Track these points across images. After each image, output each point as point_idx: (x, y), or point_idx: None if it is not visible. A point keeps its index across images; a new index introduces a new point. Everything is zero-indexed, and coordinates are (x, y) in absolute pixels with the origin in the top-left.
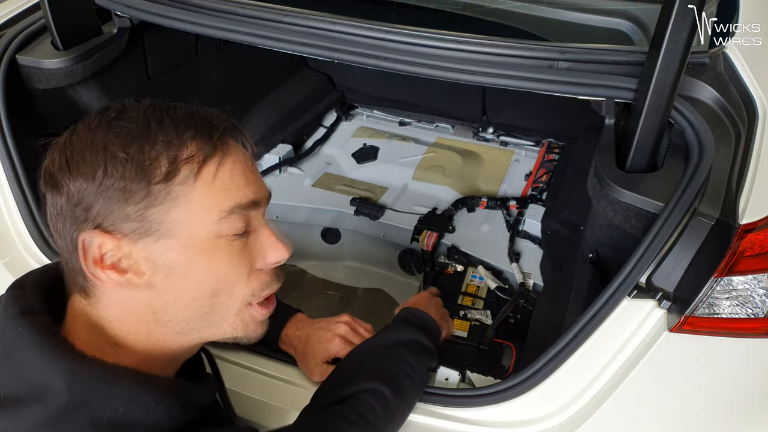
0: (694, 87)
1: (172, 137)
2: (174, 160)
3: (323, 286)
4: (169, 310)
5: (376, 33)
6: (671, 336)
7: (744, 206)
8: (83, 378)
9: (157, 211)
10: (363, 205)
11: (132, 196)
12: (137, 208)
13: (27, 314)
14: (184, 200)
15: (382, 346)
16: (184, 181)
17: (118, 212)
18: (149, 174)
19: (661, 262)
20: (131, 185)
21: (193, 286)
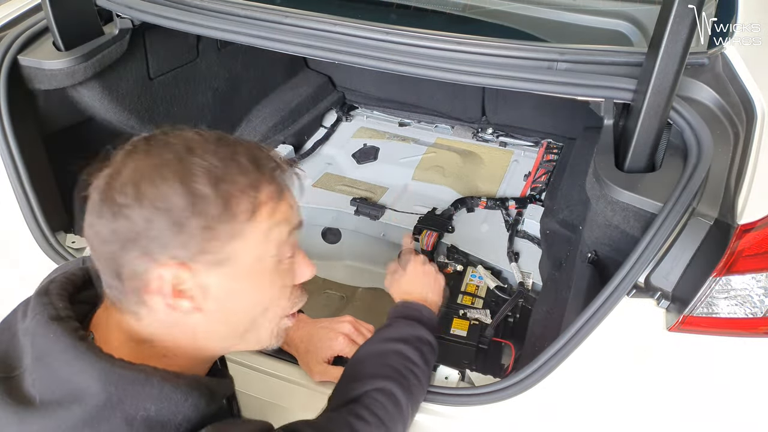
0: (692, 87)
1: (254, 179)
2: (255, 200)
3: (323, 286)
4: (223, 329)
5: (376, 34)
6: (670, 335)
7: (742, 206)
8: (117, 379)
9: (234, 245)
10: (363, 205)
11: (216, 234)
12: (218, 243)
13: (56, 320)
14: (259, 234)
15: (386, 344)
16: (262, 220)
17: (197, 246)
18: (234, 213)
19: (660, 261)
20: (216, 223)
21: (251, 307)
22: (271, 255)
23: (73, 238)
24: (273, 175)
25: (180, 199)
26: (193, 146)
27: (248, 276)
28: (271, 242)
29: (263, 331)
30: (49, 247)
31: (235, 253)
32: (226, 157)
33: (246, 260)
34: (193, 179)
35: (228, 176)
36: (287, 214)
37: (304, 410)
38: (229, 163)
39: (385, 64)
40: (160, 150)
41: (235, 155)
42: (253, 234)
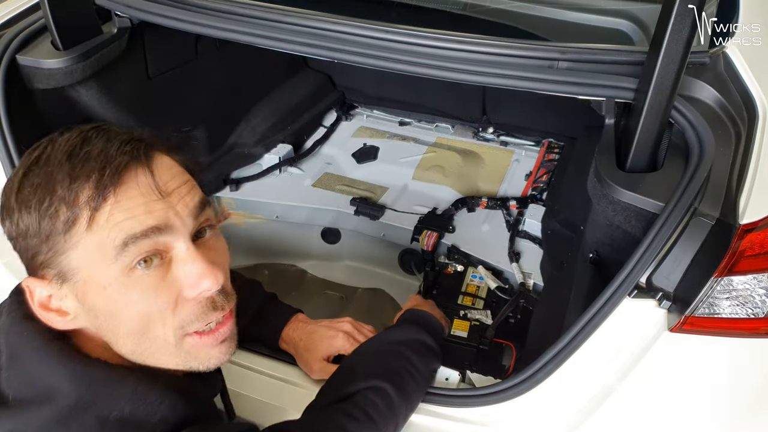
0: (694, 87)
1: (68, 182)
2: (71, 207)
3: (323, 286)
4: (116, 346)
5: (377, 33)
6: (671, 336)
7: (744, 206)
8: (89, 379)
9: (64, 258)
10: (363, 205)
11: (43, 245)
12: (49, 255)
13: (30, 319)
14: (83, 246)
15: (386, 345)
16: (81, 228)
17: (39, 258)
18: (53, 223)
19: (662, 261)
20: (40, 234)
21: (121, 324)
22: (109, 265)
23: None
24: (99, 172)
25: (15, 212)
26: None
27: (113, 290)
28: (104, 249)
29: (168, 350)
30: None
31: (71, 265)
32: (55, 167)
33: (96, 274)
34: (26, 194)
35: (48, 187)
36: (126, 215)
37: (300, 410)
38: (55, 174)
39: (386, 63)
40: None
41: (64, 163)
42: (81, 244)
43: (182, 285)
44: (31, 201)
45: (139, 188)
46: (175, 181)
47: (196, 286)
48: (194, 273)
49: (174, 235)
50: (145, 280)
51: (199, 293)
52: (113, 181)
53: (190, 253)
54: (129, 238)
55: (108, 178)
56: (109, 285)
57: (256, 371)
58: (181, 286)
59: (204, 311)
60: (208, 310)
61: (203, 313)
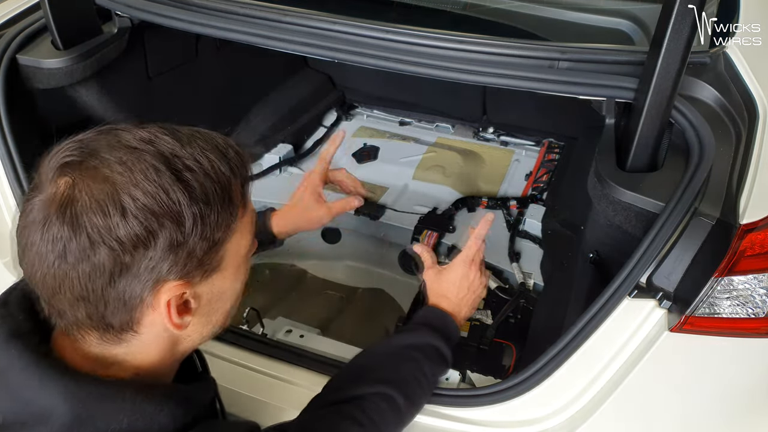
0: (694, 87)
1: (229, 176)
2: (233, 203)
3: (323, 286)
4: (206, 328)
5: (377, 33)
6: (672, 336)
7: (744, 206)
8: (85, 396)
9: (223, 249)
10: (363, 204)
11: (211, 245)
12: (212, 253)
13: (17, 336)
14: (238, 232)
15: (400, 349)
16: (240, 216)
17: (195, 263)
18: (220, 223)
19: (662, 261)
20: (210, 235)
21: (232, 299)
22: (247, 246)
23: None
24: (236, 169)
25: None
26: (162, 151)
27: (231, 274)
28: (247, 233)
29: (228, 317)
30: None
31: (223, 256)
32: (199, 158)
33: (232, 258)
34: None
35: (207, 182)
36: (250, 201)
37: (297, 409)
38: (206, 167)
39: (386, 62)
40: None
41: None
42: (235, 232)
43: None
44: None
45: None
46: None
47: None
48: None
49: None
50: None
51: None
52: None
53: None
54: (255, 220)
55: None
56: (242, 262)
57: (253, 370)
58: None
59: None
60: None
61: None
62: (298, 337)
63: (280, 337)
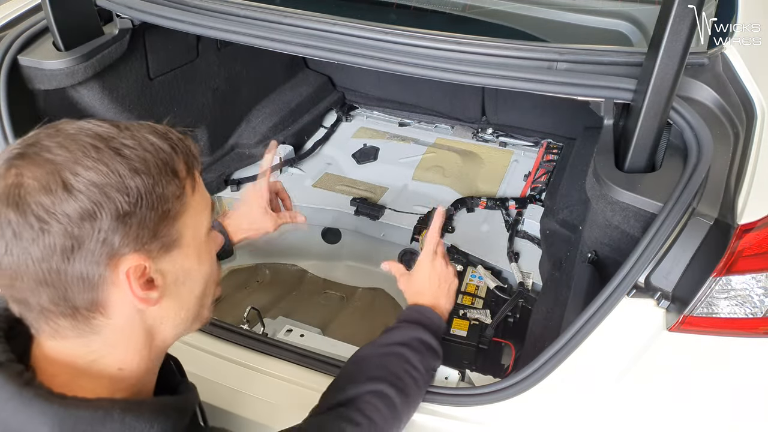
0: (692, 87)
1: (171, 157)
2: (178, 176)
3: (323, 286)
4: (180, 313)
5: (376, 34)
6: (670, 335)
7: (742, 206)
8: (73, 422)
9: (179, 223)
10: (363, 205)
11: (161, 216)
12: (162, 225)
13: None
14: (191, 209)
15: (386, 347)
16: (189, 193)
17: (149, 234)
18: (168, 193)
19: (660, 261)
20: (158, 206)
21: (200, 282)
22: (204, 226)
23: None
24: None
25: (118, 193)
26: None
27: (193, 253)
28: (201, 213)
29: (205, 307)
30: None
31: (181, 231)
32: (140, 140)
33: (189, 237)
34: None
35: (150, 157)
36: (201, 184)
37: (298, 409)
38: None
39: (385, 64)
40: (67, 144)
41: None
42: (188, 210)
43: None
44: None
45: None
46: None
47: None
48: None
49: None
50: (212, 236)
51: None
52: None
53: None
54: (210, 203)
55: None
56: (203, 242)
57: (254, 369)
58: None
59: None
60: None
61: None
62: (298, 336)
63: (281, 336)
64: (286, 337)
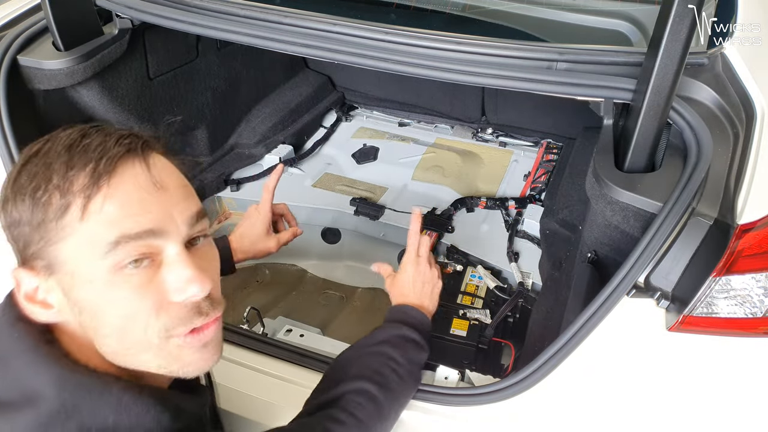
0: (692, 87)
1: (64, 170)
2: (64, 195)
3: (323, 286)
4: (98, 343)
5: (376, 34)
6: (669, 335)
7: (742, 206)
8: (73, 386)
9: (54, 249)
10: (363, 205)
11: (34, 234)
12: (40, 245)
13: (22, 321)
14: (74, 237)
15: (365, 347)
16: (74, 217)
17: (30, 249)
18: (45, 211)
19: (660, 261)
20: (32, 222)
21: (104, 322)
22: (96, 261)
23: None
24: (95, 162)
25: (13, 204)
26: (39, 150)
27: (98, 286)
28: (93, 245)
29: (151, 351)
30: None
31: (60, 256)
32: (54, 157)
33: (84, 267)
34: (22, 183)
35: (43, 175)
36: (120, 212)
37: (297, 409)
38: (53, 163)
39: (385, 64)
40: (21, 156)
41: (62, 153)
42: (69, 236)
43: (169, 288)
44: (26, 189)
45: (135, 180)
46: (172, 180)
47: (183, 290)
48: (183, 278)
49: (167, 239)
50: (132, 279)
51: (186, 298)
52: (107, 170)
53: (181, 257)
54: (122, 237)
55: (103, 167)
56: (96, 280)
57: (253, 369)
58: (167, 289)
59: (189, 316)
60: (193, 315)
61: (188, 318)
62: (298, 336)
63: (281, 336)
64: (286, 337)
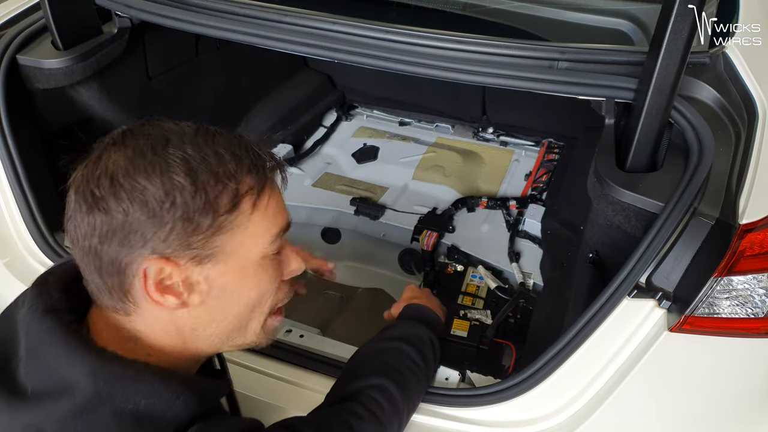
0: (694, 87)
1: (234, 170)
2: (236, 193)
3: (323, 286)
4: (211, 326)
5: (376, 33)
6: (671, 336)
7: (744, 206)
8: (106, 374)
9: (219, 239)
10: (363, 205)
11: (197, 226)
12: (201, 237)
13: (51, 312)
14: (243, 228)
15: (385, 342)
16: (245, 212)
17: (180, 240)
18: (215, 206)
19: (661, 261)
20: (197, 216)
21: (239, 303)
22: (258, 250)
23: None
24: (254, 166)
25: (156, 191)
26: (169, 137)
27: (235, 272)
28: (258, 236)
29: (250, 330)
30: (47, 247)
31: (221, 247)
32: (203, 148)
33: (232, 255)
34: (170, 169)
35: (205, 166)
36: (273, 208)
37: (297, 409)
38: (208, 154)
39: (385, 63)
40: (137, 141)
41: (215, 146)
42: (238, 227)
43: (285, 269)
44: (181, 181)
45: (280, 188)
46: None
47: (297, 270)
48: (297, 259)
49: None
50: (274, 264)
51: (292, 275)
52: (270, 177)
53: (292, 246)
54: (281, 230)
55: (267, 173)
56: (251, 264)
57: (256, 371)
58: (283, 270)
59: (289, 291)
60: (290, 290)
61: (288, 293)
62: (298, 337)
63: (280, 337)
64: (286, 337)
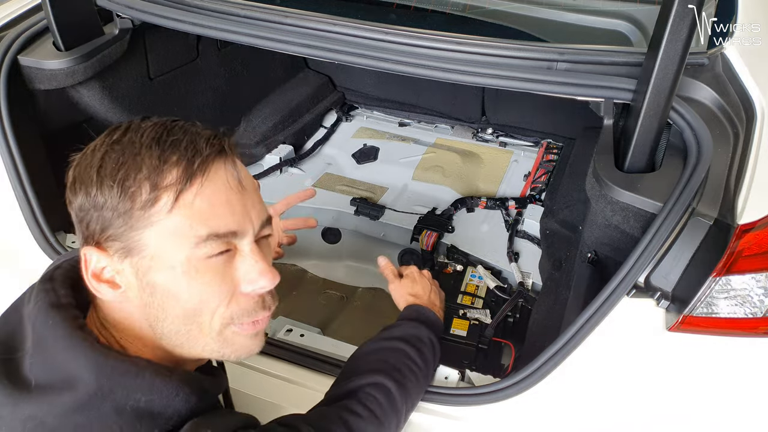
0: (692, 87)
1: (156, 164)
2: (155, 187)
3: (323, 286)
4: (159, 325)
5: (376, 34)
6: (670, 335)
7: (742, 206)
8: (109, 369)
9: (137, 234)
10: (363, 205)
11: (117, 219)
12: (121, 229)
13: (56, 307)
14: (161, 225)
15: (384, 342)
16: (163, 208)
17: (108, 232)
18: (132, 200)
19: (660, 261)
20: (118, 209)
21: (175, 305)
22: (181, 251)
23: (73, 237)
24: (183, 158)
25: (95, 187)
26: (123, 136)
27: (164, 271)
28: (180, 236)
29: (210, 336)
30: (48, 246)
31: (143, 242)
32: (142, 144)
33: (157, 252)
34: (105, 167)
35: (132, 163)
36: (210, 211)
37: (297, 408)
38: (142, 151)
39: (385, 64)
40: (100, 140)
41: (153, 143)
42: (158, 224)
43: (241, 279)
44: (114, 177)
45: (224, 180)
46: (249, 181)
47: (254, 281)
48: (256, 270)
49: (243, 237)
50: (212, 268)
51: (254, 290)
52: (201, 169)
53: (255, 252)
54: (211, 235)
55: (197, 166)
56: (177, 266)
57: (255, 369)
58: (240, 279)
59: (254, 308)
60: (258, 307)
61: (253, 311)
62: (298, 336)
63: (281, 336)
64: (286, 336)
